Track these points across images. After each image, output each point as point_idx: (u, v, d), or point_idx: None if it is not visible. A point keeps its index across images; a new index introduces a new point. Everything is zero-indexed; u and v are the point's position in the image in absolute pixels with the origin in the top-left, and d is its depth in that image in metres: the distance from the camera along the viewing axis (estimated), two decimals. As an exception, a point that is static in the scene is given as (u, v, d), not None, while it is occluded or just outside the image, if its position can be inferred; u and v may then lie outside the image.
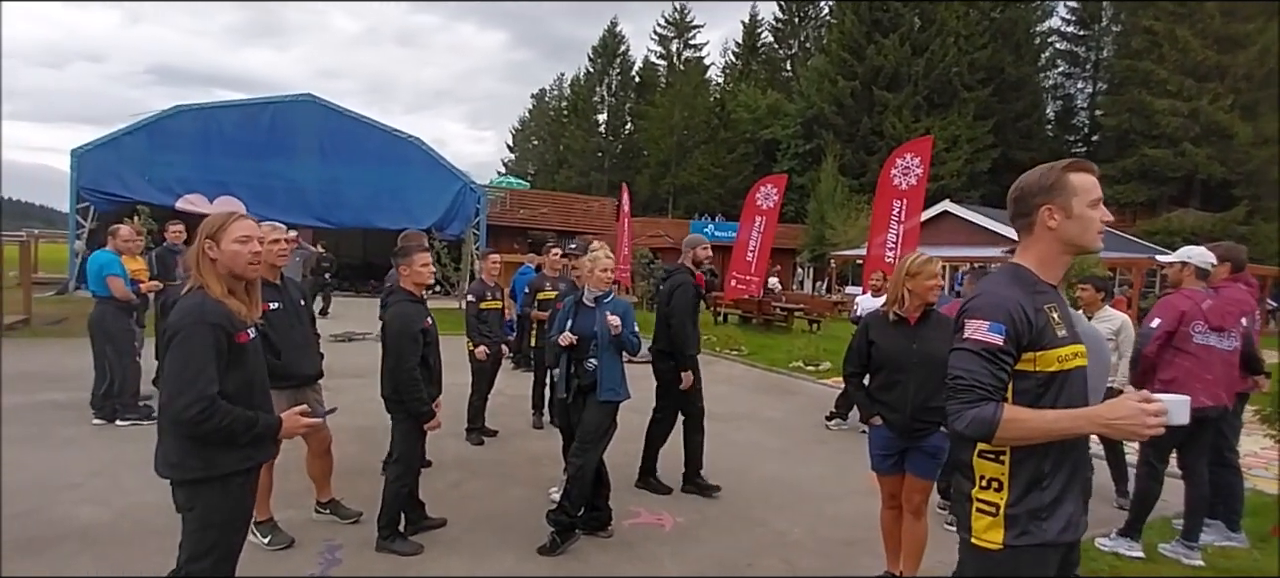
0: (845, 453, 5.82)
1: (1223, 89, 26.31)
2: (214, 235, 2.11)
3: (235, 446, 2.04)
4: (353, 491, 4.11)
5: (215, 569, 2.06)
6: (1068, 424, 1.55)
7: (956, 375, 1.60)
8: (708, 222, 29.55)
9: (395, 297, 3.55)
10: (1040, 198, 1.66)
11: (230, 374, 2.02)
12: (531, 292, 6.36)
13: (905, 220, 8.48)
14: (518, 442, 5.61)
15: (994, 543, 1.63)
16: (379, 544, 3.46)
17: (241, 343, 2.07)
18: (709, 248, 4.69)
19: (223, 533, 2.07)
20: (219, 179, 16.68)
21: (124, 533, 3.56)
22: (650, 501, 4.39)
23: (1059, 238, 1.66)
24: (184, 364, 1.94)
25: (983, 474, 1.66)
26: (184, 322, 1.97)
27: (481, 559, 3.48)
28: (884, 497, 3.26)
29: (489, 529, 3.84)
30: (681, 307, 4.42)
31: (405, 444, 3.51)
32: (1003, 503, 1.62)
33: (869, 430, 3.26)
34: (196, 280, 2.07)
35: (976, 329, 1.59)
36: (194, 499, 2.03)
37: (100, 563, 3.23)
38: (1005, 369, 1.58)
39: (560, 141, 50.87)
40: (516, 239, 22.01)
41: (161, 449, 2.07)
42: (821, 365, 9.96)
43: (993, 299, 1.62)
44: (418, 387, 3.39)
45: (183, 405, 1.92)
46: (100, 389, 5.49)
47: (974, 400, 1.56)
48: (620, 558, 3.59)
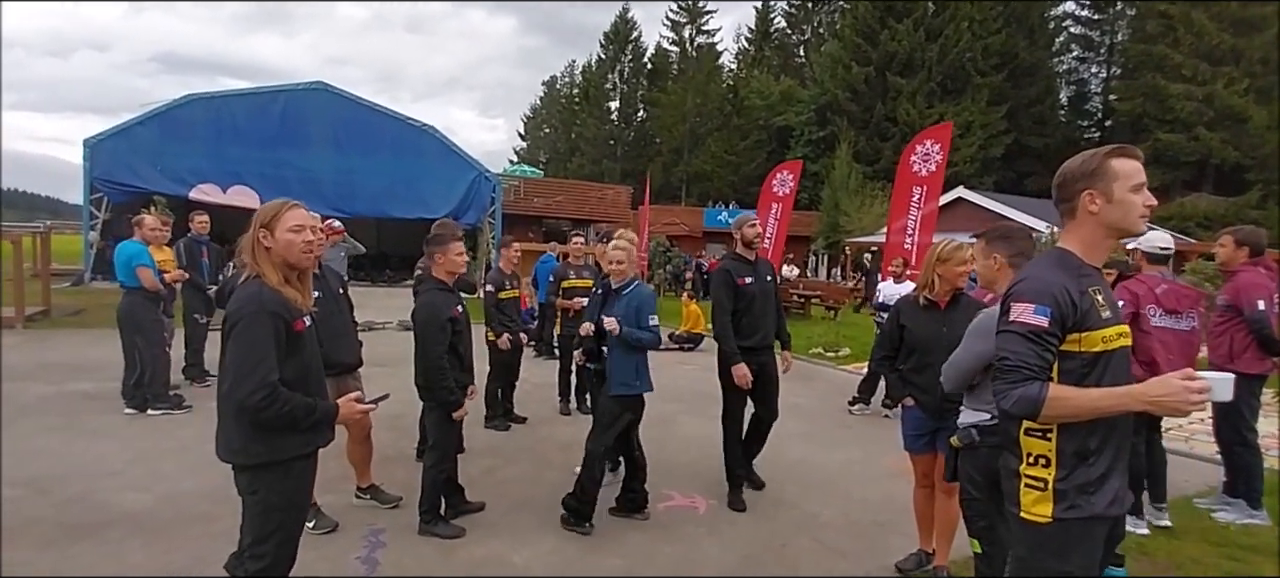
0: (869, 438, 5.83)
1: (1238, 73, 25.95)
2: (268, 224, 2.12)
3: (296, 431, 2.07)
4: (389, 476, 4.16)
5: (278, 552, 2.10)
6: (1112, 402, 1.60)
7: (1003, 357, 1.66)
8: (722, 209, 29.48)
9: (426, 285, 3.59)
10: (1082, 183, 1.70)
11: (289, 362, 2.04)
12: (556, 280, 6.37)
13: (924, 207, 8.42)
14: (546, 428, 5.65)
15: (1043, 517, 1.68)
16: (421, 528, 3.51)
17: (298, 331, 2.09)
18: (758, 225, 4.25)
19: (286, 516, 2.11)
20: (232, 169, 16.72)
21: (167, 519, 3.62)
22: (683, 484, 4.41)
23: (1101, 222, 1.70)
24: (246, 352, 1.96)
25: (1030, 451, 1.71)
26: (244, 310, 1.99)
27: (521, 542, 3.52)
28: (917, 476, 3.31)
29: (526, 512, 3.88)
30: (715, 296, 4.16)
31: (439, 431, 3.55)
32: (1051, 478, 1.68)
33: (902, 412, 3.31)
34: (253, 269, 2.09)
35: (1022, 312, 1.64)
36: (257, 483, 2.06)
37: (150, 548, 3.29)
38: (1050, 350, 1.63)
39: (572, 129, 50.74)
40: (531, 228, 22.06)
41: (223, 435, 2.10)
42: (841, 351, 9.96)
43: (1038, 283, 1.66)
44: (445, 375, 3.43)
45: (246, 392, 1.94)
46: (131, 379, 5.55)
47: (1020, 380, 1.61)
48: (656, 540, 3.63)
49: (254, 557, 2.09)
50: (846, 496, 4.38)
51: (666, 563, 3.38)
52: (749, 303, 4.02)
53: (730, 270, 4.05)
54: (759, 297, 4.04)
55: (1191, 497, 4.41)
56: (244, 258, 2.14)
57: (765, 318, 4.09)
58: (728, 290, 4.03)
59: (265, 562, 2.08)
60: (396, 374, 4.87)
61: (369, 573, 3.15)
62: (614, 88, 49.23)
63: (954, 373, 2.54)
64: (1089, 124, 37.57)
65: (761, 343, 4.07)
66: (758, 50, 47.24)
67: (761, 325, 4.06)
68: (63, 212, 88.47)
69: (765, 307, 4.09)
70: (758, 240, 4.14)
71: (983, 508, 2.45)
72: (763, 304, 4.07)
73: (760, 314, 4.05)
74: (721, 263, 4.22)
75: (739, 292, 4.01)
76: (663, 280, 19.64)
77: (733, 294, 4.02)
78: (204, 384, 6.46)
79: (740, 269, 4.05)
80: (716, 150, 39.76)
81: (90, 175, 16.11)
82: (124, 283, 5.54)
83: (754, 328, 4.04)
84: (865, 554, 3.54)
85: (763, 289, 4.07)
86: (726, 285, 4.04)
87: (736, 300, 4.01)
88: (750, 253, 4.11)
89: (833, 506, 4.19)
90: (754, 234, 4.11)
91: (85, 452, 4.59)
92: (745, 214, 4.35)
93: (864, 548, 3.62)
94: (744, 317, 4.02)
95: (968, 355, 2.48)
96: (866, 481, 4.69)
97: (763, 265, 4.18)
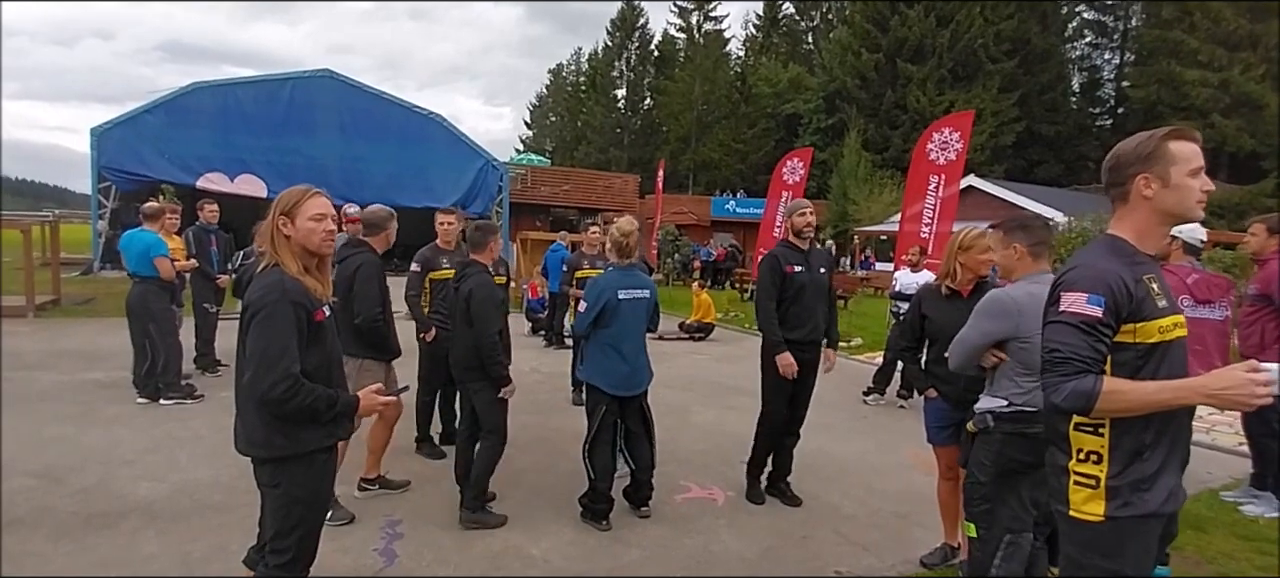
0: (886, 428, 5.78)
1: (1254, 59, 25.50)
2: (289, 212, 2.06)
3: (318, 423, 2.02)
4: (395, 465, 4.14)
5: (300, 546, 2.06)
6: (1170, 396, 1.52)
7: (1053, 348, 1.58)
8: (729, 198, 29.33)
9: (473, 268, 3.59)
10: (1136, 167, 1.62)
11: (310, 352, 1.99)
12: (569, 270, 6.30)
13: (942, 195, 8.30)
14: (559, 418, 5.60)
15: (1094, 515, 1.61)
16: (466, 518, 3.49)
17: (319, 321, 2.04)
18: (809, 213, 3.89)
19: (308, 510, 2.06)
20: (239, 157, 16.71)
21: (182, 509, 3.59)
22: (700, 475, 4.36)
23: (1156, 208, 1.62)
24: (267, 343, 1.91)
25: (1080, 447, 1.64)
26: (265, 300, 1.93)
27: (539, 533, 3.47)
28: (941, 468, 3.25)
29: (542, 504, 3.84)
30: (760, 283, 3.99)
31: (491, 414, 3.54)
32: (1103, 475, 1.61)
33: (924, 404, 3.25)
34: (273, 258, 2.03)
35: (1074, 302, 1.57)
36: (279, 477, 2.01)
37: (165, 538, 3.26)
38: (1104, 341, 1.55)
39: (578, 117, 50.47)
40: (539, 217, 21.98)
41: (243, 427, 2.05)
42: (853, 341, 9.87)
43: (1091, 271, 1.59)
44: (499, 351, 3.48)
45: (268, 384, 1.89)
46: (142, 369, 5.53)
47: (1072, 373, 1.54)
48: (676, 532, 3.58)
49: (276, 551, 2.05)
50: (866, 487, 4.32)
51: (686, 556, 3.33)
52: (798, 293, 3.79)
53: (779, 256, 3.84)
54: (809, 287, 3.80)
55: (1217, 490, 4.34)
56: (262, 246, 2.08)
57: (815, 311, 3.84)
58: (774, 277, 3.81)
59: (287, 556, 2.04)
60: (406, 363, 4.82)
61: (388, 565, 3.11)
62: (621, 76, 48.90)
63: (960, 351, 2.51)
64: (1102, 111, 37.11)
65: (809, 337, 3.84)
66: (766, 37, 46.81)
67: (810, 318, 3.82)
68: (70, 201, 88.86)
69: (816, 299, 3.85)
70: (809, 230, 3.86)
71: (986, 492, 2.42)
72: (813, 296, 3.83)
73: (810, 306, 3.81)
74: (773, 250, 4.00)
75: (787, 280, 3.78)
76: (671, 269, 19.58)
77: (779, 281, 3.79)
78: (215, 374, 6.45)
79: (790, 256, 3.83)
80: (724, 139, 39.48)
81: (98, 164, 16.11)
82: (136, 272, 5.50)
83: (802, 320, 3.81)
84: (888, 548, 3.48)
85: (814, 281, 3.83)
86: (773, 271, 3.82)
87: (783, 289, 3.80)
88: (802, 242, 3.86)
89: (852, 497, 4.13)
90: (805, 223, 3.84)
91: (99, 441, 4.57)
92: (798, 202, 4.03)
93: (887, 541, 3.56)
94: (792, 307, 3.80)
95: (975, 333, 2.46)
96: (885, 472, 4.63)
97: (817, 255, 3.93)
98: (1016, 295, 2.35)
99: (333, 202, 2.19)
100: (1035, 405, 2.34)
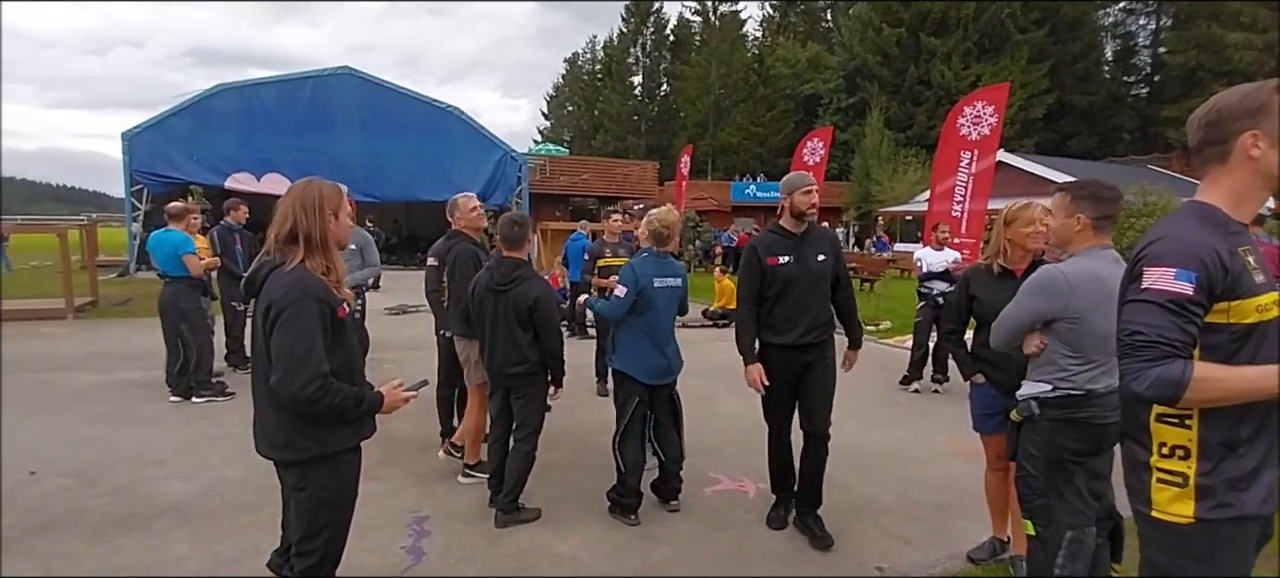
0: (919, 415, 5.61)
1: (1302, 18, 24.27)
2: (336, 211, 2.05)
3: (345, 423, 1.97)
4: (419, 460, 4.12)
5: (327, 548, 2.01)
6: (1270, 383, 1.34)
7: (1135, 331, 1.41)
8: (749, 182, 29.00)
9: (525, 271, 3.52)
10: (1243, 122, 1.42)
11: (333, 351, 1.93)
12: (591, 259, 6.21)
13: (975, 172, 8.02)
14: (584, 411, 5.53)
15: (1182, 516, 1.45)
16: (501, 518, 3.44)
17: (340, 318, 1.98)
18: (813, 190, 3.28)
19: (335, 511, 2.02)
20: (264, 157, 16.92)
21: (213, 508, 3.60)
22: (730, 466, 4.26)
23: (1260, 170, 1.43)
24: (294, 342, 1.85)
25: (1163, 441, 1.48)
26: (289, 297, 1.87)
27: (567, 530, 3.40)
28: (989, 458, 3.09)
29: (570, 500, 3.77)
30: (738, 281, 3.54)
31: (535, 417, 3.51)
32: (1192, 472, 1.44)
33: (971, 390, 3.08)
34: (297, 256, 1.96)
35: (1160, 278, 1.39)
36: (305, 479, 1.96)
37: (196, 538, 3.26)
38: (1194, 322, 1.38)
39: (595, 106, 50.32)
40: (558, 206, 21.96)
41: (263, 428, 2.00)
42: (882, 324, 9.66)
43: (1180, 243, 1.41)
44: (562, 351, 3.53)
45: (299, 385, 1.83)
46: (174, 367, 5.59)
47: (1157, 358, 1.37)
48: (707, 527, 3.48)
49: (302, 555, 2.00)
50: (904, 478, 4.17)
51: (719, 552, 3.23)
52: (784, 288, 3.22)
53: (758, 247, 3.28)
54: (799, 281, 3.20)
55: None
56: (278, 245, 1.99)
57: (807, 307, 3.23)
58: (751, 272, 3.28)
59: (314, 559, 1.99)
60: (429, 357, 4.79)
61: (416, 563, 3.07)
62: (637, 62, 48.57)
63: (1005, 328, 2.35)
64: (1137, 80, 35.85)
65: (802, 338, 3.21)
66: (783, 16, 46.04)
67: (801, 316, 3.22)
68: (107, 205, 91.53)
69: (809, 292, 3.23)
70: (812, 211, 3.25)
71: (1040, 486, 2.25)
72: (805, 290, 3.22)
73: (801, 303, 3.22)
74: (752, 238, 3.48)
75: (768, 274, 3.23)
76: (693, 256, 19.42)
77: (758, 277, 3.24)
78: (246, 371, 6.51)
79: (773, 245, 3.25)
80: (742, 122, 39.03)
81: (129, 167, 16.45)
82: (165, 272, 5.56)
83: (790, 320, 3.22)
84: (931, 542, 3.34)
85: (805, 271, 3.21)
86: (750, 266, 3.29)
87: (763, 285, 3.25)
88: (798, 225, 3.26)
89: (890, 488, 3.99)
90: (809, 203, 3.23)
91: (132, 441, 4.62)
92: (798, 175, 3.36)
93: (929, 535, 3.42)
94: (776, 305, 3.24)
95: (1021, 311, 2.29)
96: (923, 461, 4.48)
97: (814, 240, 3.29)
98: (1068, 272, 2.17)
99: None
100: (1082, 389, 2.19)
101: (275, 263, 1.95)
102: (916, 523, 3.56)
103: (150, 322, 7.17)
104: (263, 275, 1.94)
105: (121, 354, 7.36)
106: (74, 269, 10.61)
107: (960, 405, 5.96)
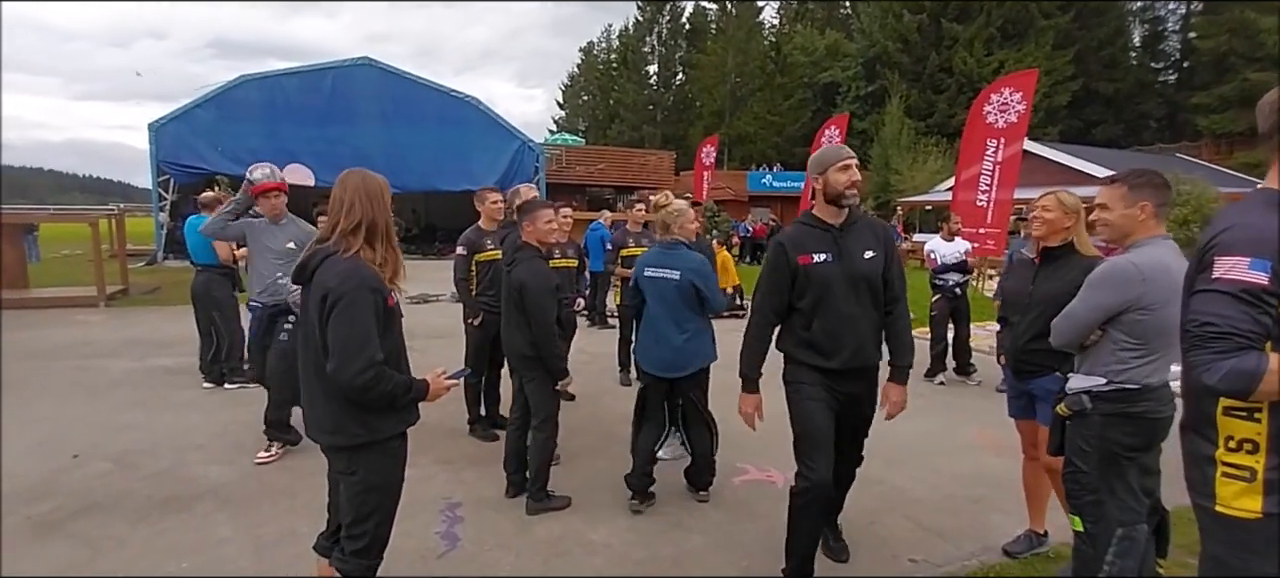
0: (947, 408, 5.56)
1: (1341, 1, 23.49)
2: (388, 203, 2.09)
3: (393, 410, 2.02)
4: (449, 447, 4.15)
5: (377, 532, 2.07)
6: None
7: (1206, 322, 1.37)
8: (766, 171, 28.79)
9: (525, 253, 3.46)
10: None
11: (383, 339, 1.97)
12: (614, 248, 6.22)
13: (1001, 160, 7.88)
14: (609, 400, 5.56)
15: (1249, 511, 1.43)
16: (532, 506, 3.47)
17: (391, 306, 2.03)
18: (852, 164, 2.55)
19: (384, 496, 2.07)
20: (286, 147, 17.06)
21: (252, 492, 3.67)
22: (757, 456, 4.26)
23: None
24: (351, 330, 1.88)
25: (1230, 435, 1.45)
26: (345, 286, 1.90)
27: (597, 519, 3.43)
28: (1023, 446, 3.07)
29: (599, 487, 3.80)
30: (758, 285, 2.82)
31: (547, 403, 3.50)
32: (1261, 467, 1.41)
33: (1005, 375, 3.09)
34: (351, 247, 1.98)
35: (1233, 267, 1.36)
36: (356, 464, 2.01)
37: (236, 521, 3.34)
38: (1269, 313, 1.34)
39: (610, 95, 50.10)
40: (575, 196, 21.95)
41: (314, 414, 2.04)
42: (904, 316, 9.57)
43: (1252, 231, 1.37)
44: (556, 342, 3.41)
45: (355, 372, 1.87)
46: (208, 354, 5.71)
47: (1230, 350, 1.33)
48: (737, 516, 3.50)
49: (352, 537, 2.05)
50: (934, 469, 4.15)
51: (750, 541, 3.24)
52: (821, 296, 2.53)
53: (786, 244, 2.58)
54: (840, 284, 2.53)
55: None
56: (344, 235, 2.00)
57: (855, 321, 2.55)
58: (777, 275, 2.60)
59: (364, 542, 2.05)
60: (453, 346, 4.84)
61: (451, 549, 3.12)
62: (652, 51, 48.25)
63: (1070, 326, 2.25)
64: (1165, 66, 34.99)
65: (850, 363, 2.56)
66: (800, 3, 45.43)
67: (846, 333, 2.54)
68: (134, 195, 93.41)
69: (856, 300, 2.55)
70: (852, 193, 2.54)
71: (1090, 482, 2.21)
72: (850, 296, 2.54)
73: (844, 314, 2.54)
74: (782, 231, 2.80)
75: (799, 277, 2.55)
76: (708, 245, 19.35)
77: (787, 282, 2.58)
78: (274, 359, 6.63)
79: (807, 240, 2.56)
80: (759, 111, 38.67)
81: (156, 158, 16.71)
82: (197, 261, 5.65)
83: (834, 338, 2.54)
84: (964, 534, 3.32)
85: (850, 273, 2.54)
86: (776, 268, 2.60)
87: (797, 291, 2.58)
88: (836, 213, 2.58)
89: (921, 480, 3.97)
90: (849, 182, 2.52)
91: (170, 426, 4.72)
92: (835, 149, 2.62)
93: (963, 527, 3.40)
94: (815, 317, 2.55)
95: (1087, 308, 2.20)
96: (952, 452, 4.45)
97: (859, 232, 2.60)
98: (1140, 262, 2.11)
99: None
100: (1137, 382, 2.15)
101: (328, 251, 1.98)
102: (949, 516, 3.54)
103: (180, 309, 7.31)
104: (315, 263, 1.97)
105: (154, 341, 7.51)
106: (104, 258, 10.84)
107: (986, 398, 5.93)
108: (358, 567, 2.05)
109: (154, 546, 3.10)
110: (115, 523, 3.30)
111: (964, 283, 6.52)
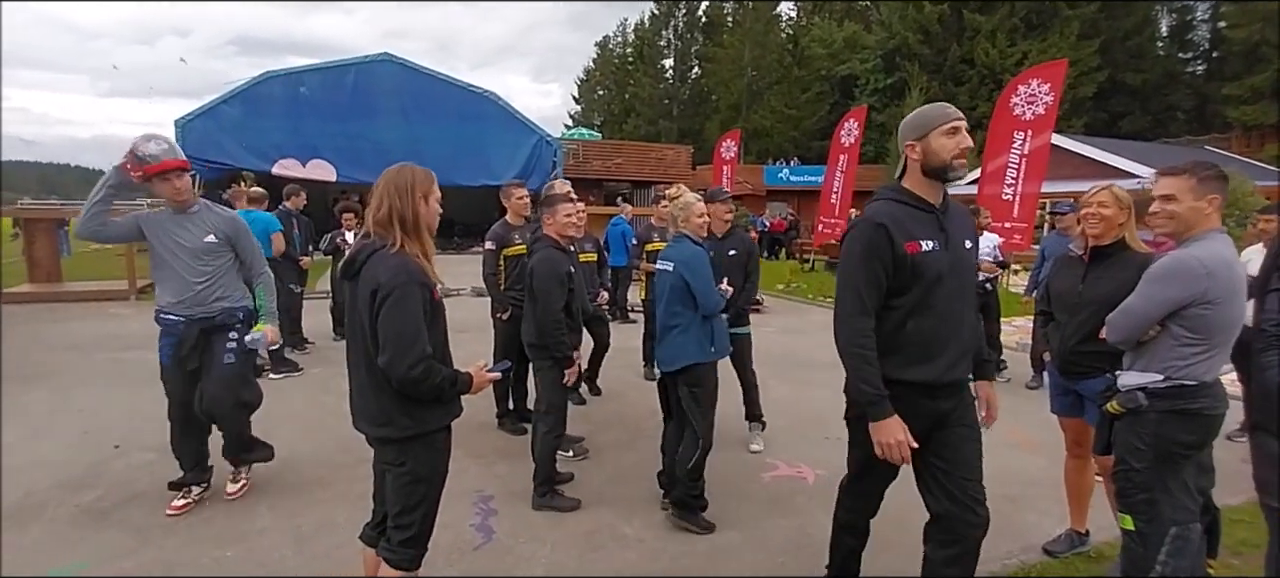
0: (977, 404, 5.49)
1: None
2: (427, 194, 2.10)
3: (441, 402, 2.06)
4: (479, 440, 4.18)
5: (423, 523, 2.11)
6: None
7: None
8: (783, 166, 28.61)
9: (542, 244, 3.52)
10: None
11: (431, 332, 2.00)
12: (640, 243, 6.23)
13: (1029, 152, 7.78)
14: (634, 395, 5.58)
15: None
16: (536, 502, 3.48)
17: (436, 300, 2.06)
18: (961, 126, 2.07)
19: (430, 487, 2.10)
20: (309, 143, 17.27)
21: (289, 483, 3.74)
22: (785, 452, 4.26)
23: None
24: (402, 324, 1.92)
25: None
26: (396, 281, 1.93)
27: (630, 512, 3.45)
28: (1067, 443, 3.03)
29: (629, 481, 3.82)
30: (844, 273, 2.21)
31: (552, 393, 3.50)
32: None
33: (1048, 371, 3.06)
34: (395, 239, 2.02)
35: None
36: (404, 456, 2.04)
37: (276, 511, 3.41)
38: None
39: (626, 90, 50.04)
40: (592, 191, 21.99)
41: (363, 407, 2.07)
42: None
43: None
44: (562, 329, 3.40)
45: (407, 366, 1.91)
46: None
47: None
48: (768, 513, 3.50)
49: (398, 528, 2.09)
50: (965, 466, 4.11)
51: (783, 539, 3.24)
52: (927, 292, 2.01)
53: (888, 224, 1.99)
54: (949, 279, 2.03)
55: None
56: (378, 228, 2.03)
57: (960, 322, 2.08)
58: (875, 266, 2.00)
59: (412, 532, 2.08)
60: (477, 340, 4.88)
61: (486, 541, 3.15)
62: (668, 44, 48.08)
63: (1129, 322, 2.20)
64: (1194, 57, 34.17)
65: (948, 374, 2.06)
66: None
67: (949, 337, 2.05)
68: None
69: (962, 298, 2.09)
70: (961, 163, 2.05)
71: (1144, 480, 2.17)
72: (957, 294, 2.06)
73: (950, 314, 2.05)
74: (872, 208, 2.12)
75: (903, 266, 1.99)
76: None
77: (884, 273, 2.00)
78: (304, 351, 6.73)
79: (908, 225, 2.01)
80: (776, 105, 38.37)
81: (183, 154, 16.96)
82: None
83: (934, 343, 2.04)
84: (1002, 534, 3.26)
85: (957, 266, 2.06)
86: (873, 254, 1.99)
87: (898, 284, 2.02)
88: (937, 191, 2.07)
89: (952, 477, 3.94)
90: (955, 148, 2.02)
91: (205, 418, 4.81)
92: (932, 107, 2.12)
93: (999, 526, 3.28)
94: (915, 318, 2.03)
95: (1149, 303, 2.15)
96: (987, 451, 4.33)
97: (957, 218, 2.13)
98: (1203, 256, 2.06)
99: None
100: (1195, 378, 2.10)
101: (376, 246, 2.01)
102: (982, 513, 3.50)
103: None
104: (363, 258, 2.00)
105: (185, 335, 7.64)
106: (134, 251, 11.06)
107: (1017, 395, 5.86)
108: (405, 556, 2.08)
109: (198, 534, 3.18)
110: (160, 511, 3.38)
111: (994, 279, 6.45)
